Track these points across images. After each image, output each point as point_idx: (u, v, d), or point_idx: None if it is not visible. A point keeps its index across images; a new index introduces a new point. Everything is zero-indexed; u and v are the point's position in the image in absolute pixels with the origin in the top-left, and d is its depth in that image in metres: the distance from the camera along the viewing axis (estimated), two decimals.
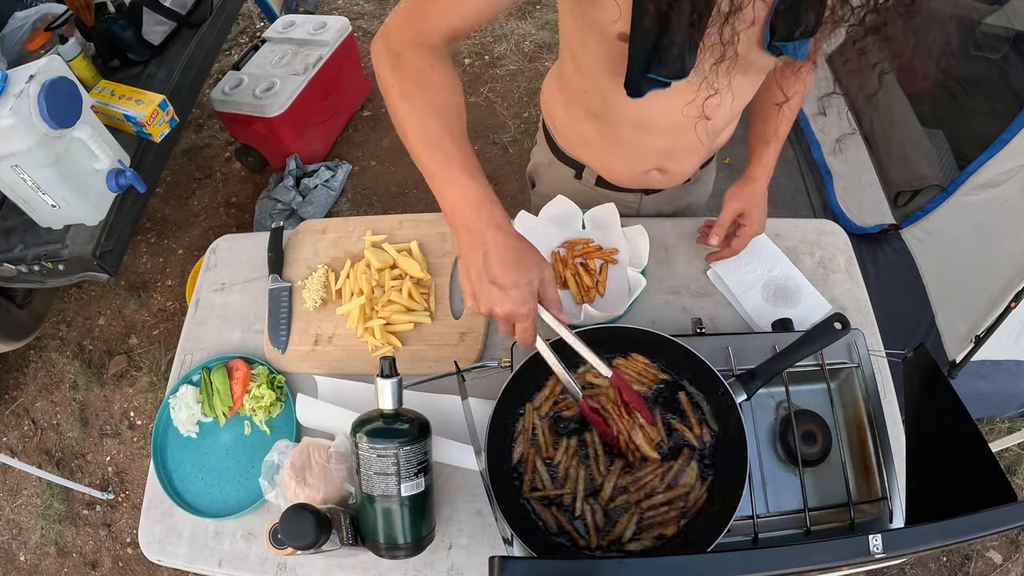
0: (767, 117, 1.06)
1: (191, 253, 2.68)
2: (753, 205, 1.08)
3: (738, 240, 1.10)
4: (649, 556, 0.82)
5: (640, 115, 0.96)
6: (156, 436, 1.08)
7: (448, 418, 0.99)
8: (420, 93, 0.77)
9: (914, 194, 1.94)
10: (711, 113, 0.93)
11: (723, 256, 1.13)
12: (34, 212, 1.71)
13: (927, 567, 1.87)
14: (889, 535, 0.57)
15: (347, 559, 0.94)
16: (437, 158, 0.76)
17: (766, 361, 0.89)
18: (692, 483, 0.87)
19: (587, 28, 0.86)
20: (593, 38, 0.87)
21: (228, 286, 1.23)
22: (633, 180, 1.15)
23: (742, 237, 1.10)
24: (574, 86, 1.03)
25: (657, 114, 0.95)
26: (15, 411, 2.40)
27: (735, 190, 1.09)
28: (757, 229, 1.10)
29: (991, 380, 1.76)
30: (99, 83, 1.91)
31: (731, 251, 1.12)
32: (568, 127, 1.14)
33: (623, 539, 0.85)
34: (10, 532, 2.17)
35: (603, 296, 1.11)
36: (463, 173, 0.75)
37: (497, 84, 3.10)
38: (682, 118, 0.94)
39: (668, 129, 0.98)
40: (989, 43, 1.87)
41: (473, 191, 0.74)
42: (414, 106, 0.77)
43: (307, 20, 2.79)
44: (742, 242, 1.10)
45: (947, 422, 0.82)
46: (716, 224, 1.10)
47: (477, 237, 0.74)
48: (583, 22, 0.86)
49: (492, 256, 0.73)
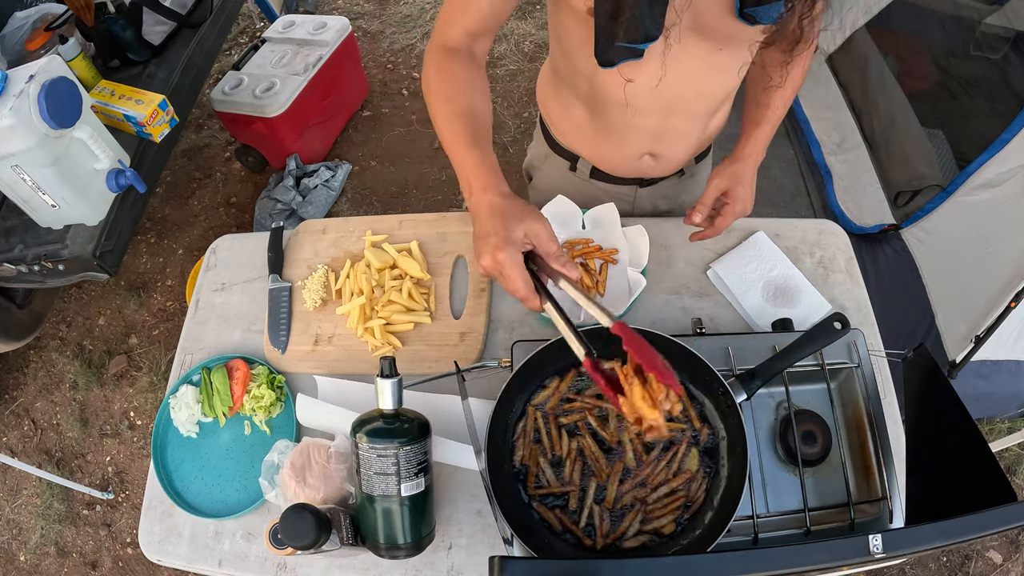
0: (759, 101, 1.05)
1: (191, 253, 2.68)
2: (738, 183, 1.04)
3: (721, 219, 1.06)
4: (649, 556, 0.82)
5: (624, 93, 0.94)
6: (156, 436, 1.08)
7: (448, 418, 0.99)
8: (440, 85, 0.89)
9: (914, 194, 1.93)
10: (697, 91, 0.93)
11: (706, 236, 1.09)
12: (34, 212, 1.71)
13: (927, 567, 1.87)
14: (889, 535, 0.57)
15: (347, 559, 0.94)
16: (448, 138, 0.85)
17: (766, 361, 0.89)
18: (694, 471, 0.88)
19: (563, 8, 0.89)
20: (569, 17, 0.89)
21: (228, 286, 1.23)
22: (627, 167, 1.15)
23: (725, 216, 1.06)
24: (562, 72, 1.05)
25: (641, 92, 0.93)
26: (15, 411, 2.40)
27: (720, 168, 1.06)
28: (741, 209, 1.06)
29: (991, 380, 1.76)
30: (99, 83, 1.91)
31: (714, 230, 1.08)
32: (561, 115, 1.15)
33: (626, 536, 0.85)
34: (10, 532, 2.17)
35: (603, 296, 1.11)
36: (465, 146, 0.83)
37: (497, 84, 3.10)
38: (667, 96, 0.93)
39: (655, 109, 0.98)
40: (989, 43, 1.87)
41: (469, 160, 0.82)
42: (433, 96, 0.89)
43: (307, 20, 2.79)
44: (725, 221, 1.06)
45: (947, 422, 0.82)
46: (699, 202, 1.05)
47: (472, 202, 0.82)
48: (561, 2, 0.89)
49: (480, 215, 0.80)
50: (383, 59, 3.32)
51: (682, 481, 0.87)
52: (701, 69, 0.90)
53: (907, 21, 2.16)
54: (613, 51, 0.82)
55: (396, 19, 3.50)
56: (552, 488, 0.88)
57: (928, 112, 2.04)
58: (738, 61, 0.94)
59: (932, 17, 2.07)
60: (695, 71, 0.90)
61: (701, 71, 0.91)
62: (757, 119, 1.06)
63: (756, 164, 1.07)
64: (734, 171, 1.05)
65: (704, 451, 0.89)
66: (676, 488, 0.87)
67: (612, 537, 0.85)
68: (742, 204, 1.06)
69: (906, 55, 2.18)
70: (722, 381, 0.86)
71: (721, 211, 1.06)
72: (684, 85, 0.93)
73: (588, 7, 0.80)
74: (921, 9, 2.11)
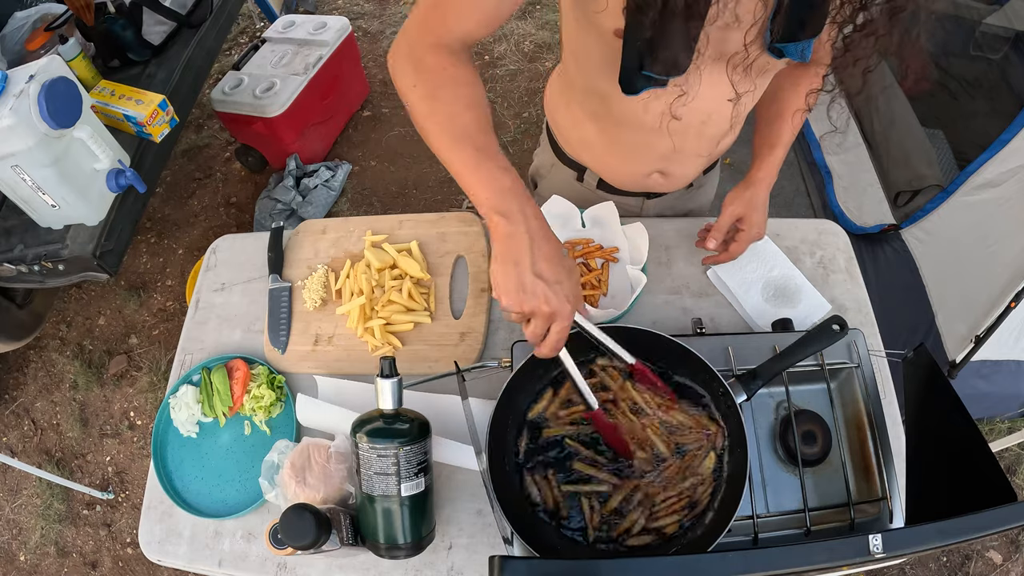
0: (772, 122, 1.04)
1: (191, 253, 2.68)
2: (753, 210, 1.06)
3: (736, 244, 1.08)
4: (649, 556, 0.82)
5: (640, 116, 0.95)
6: (156, 436, 1.08)
7: (448, 418, 0.99)
8: (444, 91, 0.76)
9: (914, 194, 1.93)
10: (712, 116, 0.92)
11: (720, 260, 1.11)
12: (34, 212, 1.71)
13: (927, 567, 1.87)
14: (889, 535, 0.57)
15: (347, 559, 0.94)
16: (468, 151, 0.73)
17: (766, 361, 0.89)
18: (706, 475, 0.87)
19: (586, 25, 0.86)
20: (591, 36, 0.86)
21: (228, 286, 1.23)
22: (634, 183, 1.15)
23: (740, 242, 1.08)
24: (575, 86, 1.03)
25: (657, 115, 0.93)
26: (15, 411, 2.40)
27: (735, 194, 1.07)
28: (756, 234, 1.08)
29: (991, 380, 1.76)
30: (99, 83, 1.91)
31: (728, 255, 1.10)
32: (570, 128, 1.13)
33: (631, 532, 0.85)
34: (10, 532, 2.17)
35: (606, 295, 1.11)
36: (499, 168, 0.73)
37: (497, 84, 3.10)
38: (685, 122, 0.92)
39: (670, 131, 0.96)
40: (989, 43, 1.87)
41: (509, 181, 0.73)
42: (437, 104, 0.75)
43: (307, 20, 2.79)
44: (740, 247, 1.08)
45: (947, 422, 0.82)
46: (714, 228, 1.08)
47: (519, 228, 0.71)
48: (582, 20, 0.86)
49: (538, 251, 0.71)
50: (383, 59, 3.32)
51: (693, 483, 0.87)
52: (720, 95, 0.88)
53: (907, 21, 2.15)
54: (639, 79, 0.80)
55: (396, 19, 3.50)
56: None
57: (928, 112, 2.04)
58: (759, 88, 0.94)
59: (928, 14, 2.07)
60: (714, 97, 0.88)
61: (720, 97, 0.89)
62: (770, 141, 1.05)
63: (769, 188, 1.08)
64: (749, 197, 1.06)
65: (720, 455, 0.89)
66: (684, 490, 0.87)
67: (618, 531, 0.85)
68: (756, 229, 1.07)
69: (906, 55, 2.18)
70: (722, 381, 0.86)
71: (736, 237, 1.08)
72: (701, 110, 0.91)
73: (615, 29, 0.77)
74: None
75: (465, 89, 0.76)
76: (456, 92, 0.76)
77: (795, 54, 0.78)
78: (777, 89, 1.01)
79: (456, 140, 0.74)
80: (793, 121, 1.03)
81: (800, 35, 0.75)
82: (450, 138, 0.74)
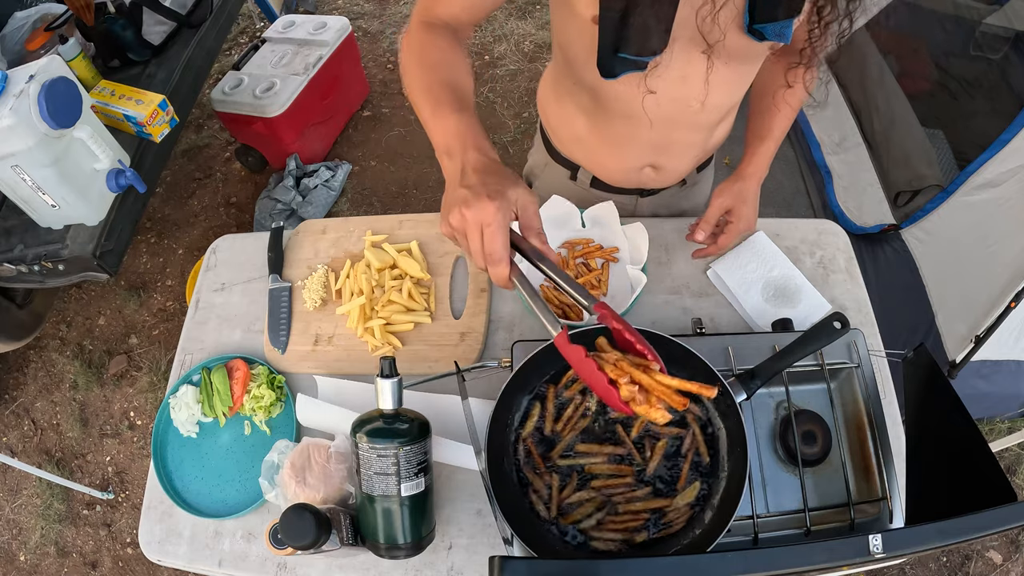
0: (763, 113, 1.04)
1: (191, 253, 2.68)
2: (741, 202, 1.06)
3: (724, 236, 1.08)
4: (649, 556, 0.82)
5: (627, 106, 0.94)
6: (156, 436, 1.08)
7: (448, 418, 0.99)
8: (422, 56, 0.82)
9: (914, 194, 1.93)
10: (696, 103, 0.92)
11: (709, 253, 1.11)
12: (34, 212, 1.71)
13: (927, 567, 1.87)
14: (889, 535, 0.57)
15: (347, 559, 0.94)
16: (429, 105, 0.77)
17: (766, 361, 0.89)
18: (680, 506, 0.86)
19: (568, 15, 0.87)
20: (574, 25, 0.87)
21: (228, 286, 1.23)
22: (627, 178, 1.15)
23: (729, 234, 1.07)
24: (564, 80, 1.04)
25: (643, 104, 0.92)
26: (15, 411, 2.40)
27: (724, 186, 1.07)
28: (745, 227, 1.08)
29: (991, 380, 1.76)
30: (99, 83, 1.91)
31: (717, 248, 1.09)
32: (561, 124, 1.14)
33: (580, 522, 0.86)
34: (10, 532, 2.17)
35: (606, 295, 1.11)
36: (451, 110, 0.75)
37: (497, 84, 3.11)
38: (670, 109, 0.92)
39: (658, 121, 0.96)
40: (989, 43, 1.87)
41: (454, 123, 0.73)
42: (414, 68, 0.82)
43: (307, 20, 2.79)
44: (728, 239, 1.08)
45: (947, 422, 0.82)
46: (702, 220, 1.07)
47: (456, 161, 0.71)
48: (564, 10, 0.87)
49: (468, 169, 0.69)
50: (383, 59, 3.32)
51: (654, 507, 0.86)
52: (705, 82, 0.88)
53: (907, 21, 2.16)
54: (616, 62, 0.81)
55: (396, 19, 3.50)
56: None
57: (928, 112, 2.04)
58: (744, 75, 0.94)
59: (932, 17, 2.07)
60: (699, 85, 0.88)
61: (705, 85, 0.89)
62: (761, 134, 1.05)
63: (759, 182, 1.08)
64: (738, 190, 1.06)
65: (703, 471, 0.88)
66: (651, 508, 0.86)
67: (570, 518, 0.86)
68: (745, 222, 1.07)
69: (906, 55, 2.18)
70: (722, 381, 0.86)
71: (724, 229, 1.08)
72: (687, 98, 0.91)
73: (592, 15, 0.79)
74: (921, 9, 2.11)
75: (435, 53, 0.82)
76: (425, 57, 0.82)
77: (774, 35, 0.77)
78: (767, 81, 1.01)
79: (422, 94, 0.79)
80: (784, 112, 1.03)
81: (779, 14, 0.75)
82: (418, 94, 0.79)
